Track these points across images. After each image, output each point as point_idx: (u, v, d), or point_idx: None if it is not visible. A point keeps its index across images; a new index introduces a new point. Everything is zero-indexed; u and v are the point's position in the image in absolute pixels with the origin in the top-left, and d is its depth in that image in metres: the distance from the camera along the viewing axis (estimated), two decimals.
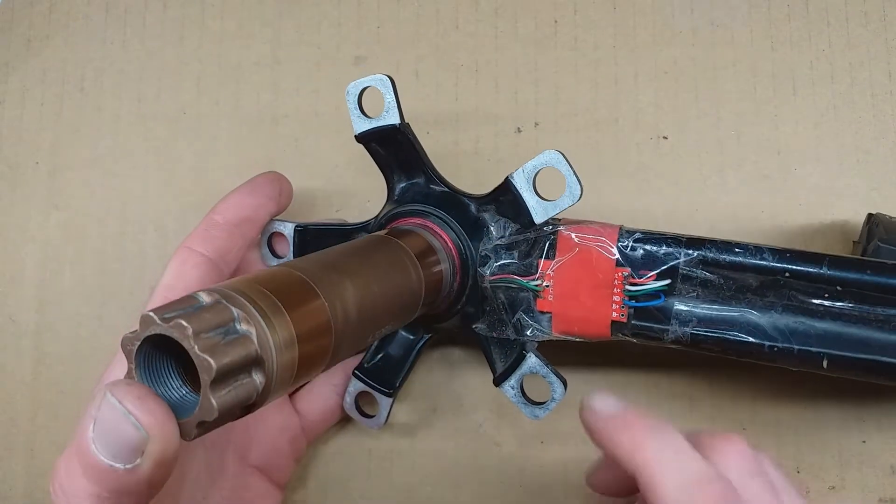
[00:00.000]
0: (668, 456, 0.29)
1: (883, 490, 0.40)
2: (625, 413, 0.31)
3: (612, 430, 0.31)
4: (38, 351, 0.46)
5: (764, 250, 0.34)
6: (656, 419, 0.30)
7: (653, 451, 0.29)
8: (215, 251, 0.37)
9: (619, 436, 0.30)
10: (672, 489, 0.28)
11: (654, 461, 0.29)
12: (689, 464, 0.28)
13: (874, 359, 0.33)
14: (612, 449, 0.30)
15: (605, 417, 0.31)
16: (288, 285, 0.26)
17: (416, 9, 0.47)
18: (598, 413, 0.31)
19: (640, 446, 0.29)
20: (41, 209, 0.47)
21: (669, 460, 0.29)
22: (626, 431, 0.30)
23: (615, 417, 0.31)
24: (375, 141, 0.38)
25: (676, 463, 0.29)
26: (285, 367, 0.25)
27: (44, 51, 0.48)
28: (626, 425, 0.30)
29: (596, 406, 0.32)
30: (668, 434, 0.30)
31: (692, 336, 0.34)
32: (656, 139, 0.44)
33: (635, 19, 0.45)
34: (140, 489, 0.24)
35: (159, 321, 0.23)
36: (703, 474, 0.28)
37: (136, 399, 0.23)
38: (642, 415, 0.31)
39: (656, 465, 0.29)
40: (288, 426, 0.40)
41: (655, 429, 0.30)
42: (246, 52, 0.47)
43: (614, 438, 0.30)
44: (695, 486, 0.28)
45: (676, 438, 0.29)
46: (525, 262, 0.36)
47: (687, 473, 0.28)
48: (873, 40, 0.44)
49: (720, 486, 0.28)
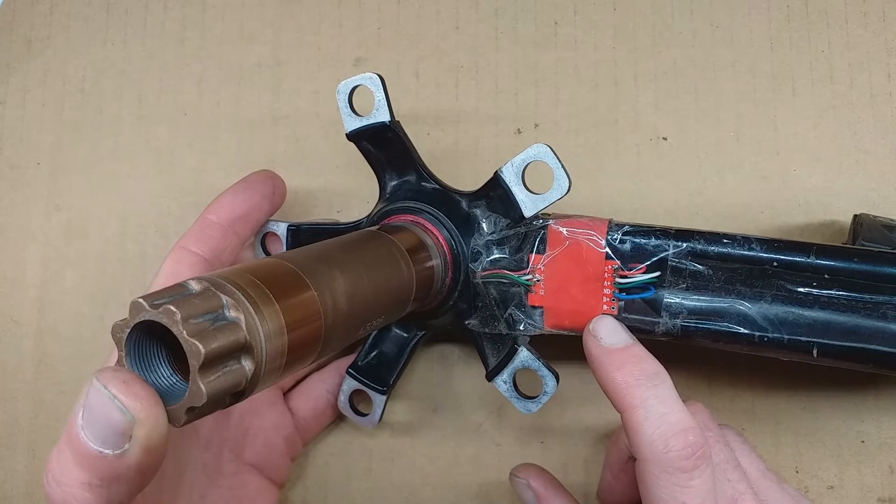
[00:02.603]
0: (653, 403, 0.30)
1: (881, 490, 0.41)
2: (626, 351, 0.32)
3: (609, 364, 0.31)
4: (40, 351, 0.46)
5: (752, 240, 0.34)
6: (654, 366, 0.31)
7: (641, 398, 0.30)
8: (210, 250, 0.37)
9: (614, 373, 0.31)
10: (651, 434, 0.29)
11: (640, 406, 0.30)
12: (671, 415, 0.30)
13: (864, 347, 0.33)
14: (604, 384, 0.32)
15: (606, 350, 0.32)
16: (278, 275, 0.27)
17: (417, 10, 0.47)
18: (600, 342, 0.32)
19: (631, 389, 0.30)
20: (42, 210, 0.47)
21: (654, 407, 0.30)
22: (621, 370, 0.31)
23: (615, 353, 0.32)
24: (366, 139, 0.38)
25: (660, 411, 0.30)
26: (274, 356, 0.25)
27: (45, 52, 0.49)
28: (622, 364, 0.31)
29: (601, 335, 0.33)
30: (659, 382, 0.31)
31: (683, 328, 0.34)
32: (656, 140, 0.44)
33: (635, 20, 0.45)
34: (130, 475, 0.24)
35: (148, 307, 0.23)
36: (682, 425, 0.29)
37: (122, 383, 0.23)
38: (642, 357, 0.32)
39: (641, 410, 0.30)
40: (282, 424, 0.41)
41: (649, 375, 0.31)
42: (247, 53, 0.47)
43: (610, 374, 0.31)
44: (672, 435, 0.29)
45: (665, 388, 0.31)
46: (516, 257, 0.36)
47: (667, 422, 0.30)
48: (873, 41, 0.44)
49: (695, 437, 0.29)
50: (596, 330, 0.33)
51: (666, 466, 0.29)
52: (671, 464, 0.29)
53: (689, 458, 0.29)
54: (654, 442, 0.29)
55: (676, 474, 0.29)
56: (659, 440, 0.29)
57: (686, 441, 0.29)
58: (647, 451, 0.29)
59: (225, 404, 0.25)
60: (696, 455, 0.29)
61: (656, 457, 0.29)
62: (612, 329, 0.33)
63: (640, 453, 0.30)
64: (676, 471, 0.29)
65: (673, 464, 0.29)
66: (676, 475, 0.29)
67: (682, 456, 0.29)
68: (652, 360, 0.32)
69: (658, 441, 0.29)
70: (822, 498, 0.41)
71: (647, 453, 0.29)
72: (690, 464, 0.29)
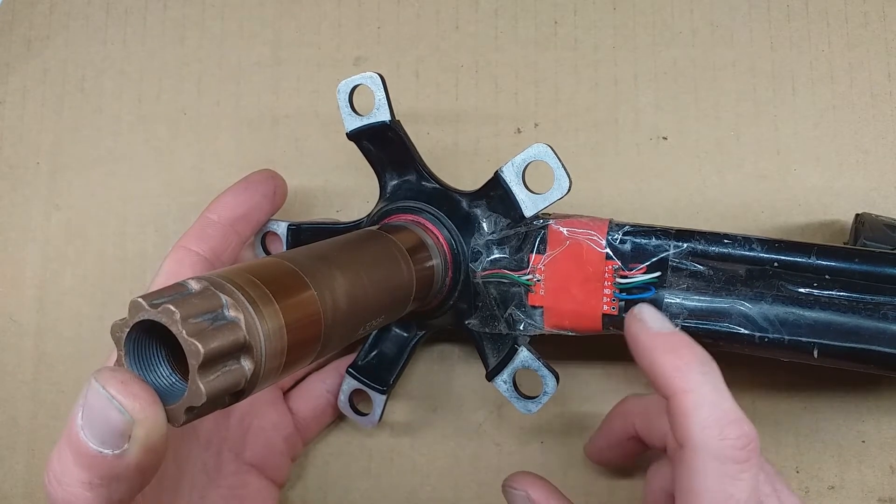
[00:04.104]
0: (707, 389, 0.29)
1: (882, 490, 0.41)
2: (675, 336, 0.31)
3: (658, 348, 0.30)
4: (39, 351, 0.46)
5: (752, 241, 0.34)
6: (705, 353, 0.30)
7: (694, 382, 0.29)
8: (210, 250, 0.37)
9: (663, 356, 0.30)
10: (705, 419, 0.28)
11: (693, 391, 0.29)
12: (724, 402, 0.29)
13: (864, 347, 0.33)
14: (651, 367, 0.30)
15: (653, 333, 0.31)
16: (278, 275, 0.27)
17: (417, 9, 0.47)
18: (648, 326, 0.31)
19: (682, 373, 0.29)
20: (42, 209, 0.47)
21: (708, 393, 0.29)
22: (670, 353, 0.30)
23: (665, 337, 0.31)
24: (367, 138, 0.38)
25: (714, 398, 0.28)
26: (274, 355, 0.25)
27: (44, 51, 0.49)
28: (674, 348, 0.30)
29: (647, 318, 0.32)
30: (711, 370, 0.29)
31: (683, 328, 0.34)
32: (656, 140, 0.44)
33: (635, 20, 0.45)
34: (130, 475, 0.24)
35: (148, 307, 0.23)
36: (736, 415, 0.28)
37: (120, 384, 0.23)
38: (693, 343, 0.30)
39: (694, 395, 0.29)
40: (282, 424, 0.41)
41: (701, 361, 0.30)
42: (246, 52, 0.47)
43: (658, 358, 0.30)
44: (727, 423, 0.28)
45: (717, 376, 0.29)
46: (516, 257, 0.36)
47: (721, 410, 0.28)
48: (873, 40, 0.44)
49: (749, 429, 0.28)
50: (642, 314, 0.32)
51: (718, 455, 0.27)
52: (724, 453, 0.28)
53: (743, 448, 0.28)
54: (708, 428, 0.28)
55: (729, 464, 0.27)
56: (714, 426, 0.28)
57: (742, 431, 0.28)
58: (699, 437, 0.28)
59: (224, 404, 0.24)
60: (749, 447, 0.28)
61: (709, 444, 0.28)
62: (657, 315, 0.32)
63: (691, 440, 0.28)
64: (729, 461, 0.27)
65: (726, 453, 0.27)
66: (728, 465, 0.27)
67: (737, 446, 0.28)
68: (701, 347, 0.30)
69: (712, 427, 0.28)
70: (823, 498, 0.41)
71: (698, 440, 0.28)
72: (744, 455, 0.28)
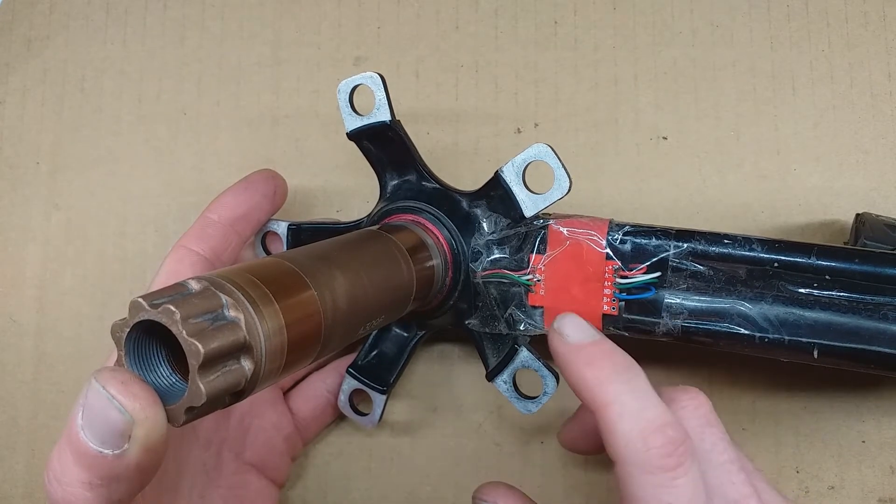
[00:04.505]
0: (628, 399, 0.28)
1: (882, 490, 0.41)
2: (595, 346, 0.30)
3: (579, 362, 0.29)
4: (39, 351, 0.46)
5: (753, 241, 0.34)
6: (626, 359, 0.29)
7: (614, 393, 0.28)
8: (210, 250, 0.37)
9: (583, 370, 0.29)
10: (628, 432, 0.27)
11: (614, 403, 0.28)
12: (648, 410, 0.28)
13: (865, 348, 0.33)
14: (575, 381, 0.29)
15: (573, 347, 0.30)
16: (278, 275, 0.27)
17: (417, 9, 0.47)
18: (567, 340, 0.30)
19: (603, 385, 0.28)
20: (42, 209, 0.47)
21: (629, 403, 0.28)
22: (591, 367, 0.29)
23: (584, 349, 0.30)
24: (367, 138, 0.38)
25: (636, 407, 0.28)
26: (274, 355, 0.25)
27: (44, 51, 0.49)
28: (592, 360, 0.29)
29: (566, 332, 0.31)
30: (632, 377, 0.29)
31: (683, 328, 0.34)
32: (656, 139, 0.44)
33: (635, 20, 0.45)
34: (130, 475, 0.24)
35: (148, 307, 0.23)
36: (660, 421, 0.27)
37: (120, 384, 0.23)
38: (612, 351, 0.30)
39: (616, 406, 0.28)
40: (282, 424, 0.41)
41: (622, 370, 0.29)
42: (246, 52, 0.47)
43: (579, 372, 0.29)
44: (651, 432, 0.27)
45: (640, 382, 0.28)
46: (516, 257, 0.36)
47: (645, 419, 0.27)
48: (873, 40, 0.44)
49: (676, 433, 0.27)
50: (561, 327, 0.31)
51: (647, 466, 0.27)
52: (652, 463, 0.27)
53: (670, 455, 0.27)
54: (632, 441, 0.27)
55: (658, 474, 0.27)
56: (637, 438, 0.27)
57: (666, 437, 0.27)
58: (625, 451, 0.27)
59: (224, 404, 0.24)
60: (678, 452, 0.27)
61: (636, 457, 0.27)
62: (578, 325, 0.31)
63: (618, 454, 0.27)
64: (658, 470, 0.27)
65: (654, 462, 0.27)
66: (658, 475, 0.27)
67: (664, 454, 0.27)
68: (622, 353, 0.30)
69: (636, 439, 0.27)
70: (823, 498, 0.41)
71: (625, 454, 0.27)
72: (673, 461, 0.27)
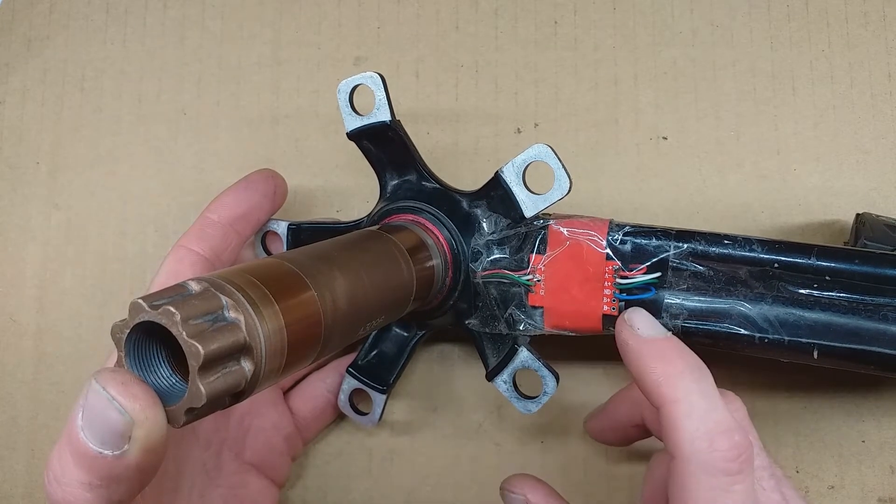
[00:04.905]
0: (696, 399, 0.28)
1: (882, 489, 0.41)
2: (667, 342, 0.30)
3: (648, 355, 0.30)
4: (39, 351, 0.46)
5: (753, 242, 0.34)
6: (697, 360, 0.29)
7: (684, 391, 0.28)
8: (210, 249, 0.37)
9: (653, 363, 0.29)
10: (694, 431, 0.27)
11: (683, 400, 0.28)
12: (716, 412, 0.28)
13: (864, 349, 0.33)
14: (641, 375, 0.29)
15: (645, 340, 0.30)
16: (278, 275, 0.27)
17: (417, 9, 0.47)
18: (638, 332, 0.30)
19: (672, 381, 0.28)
20: (42, 209, 0.47)
21: (698, 403, 0.28)
22: (661, 361, 0.29)
23: (656, 343, 0.30)
24: (367, 138, 0.38)
25: (704, 407, 0.28)
26: (274, 356, 0.25)
27: (44, 51, 0.49)
28: (664, 355, 0.29)
29: (637, 324, 0.31)
30: (702, 377, 0.29)
31: (683, 329, 0.34)
32: (656, 139, 0.44)
33: (635, 20, 0.45)
34: (130, 475, 0.24)
35: (148, 308, 0.23)
36: (727, 425, 0.28)
37: (120, 385, 0.23)
38: (684, 350, 0.30)
39: (685, 404, 0.28)
40: (282, 424, 0.41)
41: (693, 369, 0.29)
42: (246, 52, 0.47)
43: (647, 365, 0.29)
44: (717, 433, 0.27)
45: (709, 384, 0.29)
46: (517, 257, 0.36)
47: (713, 420, 0.28)
48: (873, 40, 0.44)
49: (741, 439, 0.27)
50: (632, 319, 0.31)
51: (709, 467, 0.27)
52: (715, 465, 0.27)
53: (734, 460, 0.27)
54: (697, 440, 0.27)
55: (719, 477, 0.27)
56: (703, 438, 0.27)
57: (732, 442, 0.27)
58: (689, 449, 0.27)
59: (225, 405, 0.24)
60: (741, 458, 0.27)
61: (699, 456, 0.27)
62: (650, 320, 0.31)
63: (681, 451, 0.27)
64: (720, 473, 0.27)
65: (717, 465, 0.27)
66: (719, 478, 0.27)
67: (728, 458, 0.27)
68: (693, 353, 0.30)
69: (702, 439, 0.27)
70: (823, 498, 0.41)
71: (689, 452, 0.27)
72: (735, 466, 0.27)
